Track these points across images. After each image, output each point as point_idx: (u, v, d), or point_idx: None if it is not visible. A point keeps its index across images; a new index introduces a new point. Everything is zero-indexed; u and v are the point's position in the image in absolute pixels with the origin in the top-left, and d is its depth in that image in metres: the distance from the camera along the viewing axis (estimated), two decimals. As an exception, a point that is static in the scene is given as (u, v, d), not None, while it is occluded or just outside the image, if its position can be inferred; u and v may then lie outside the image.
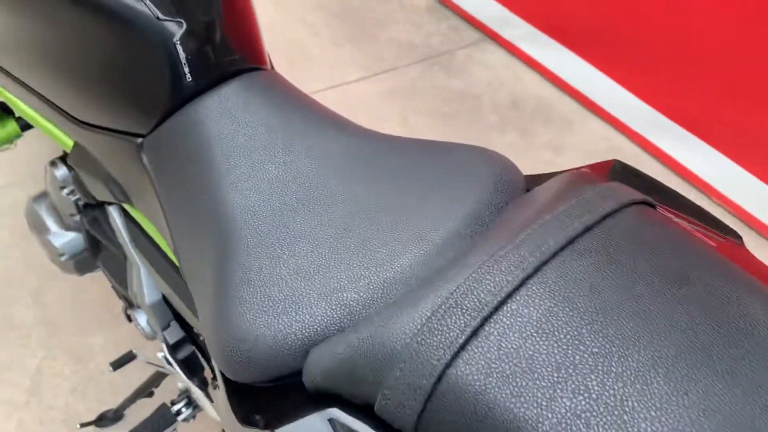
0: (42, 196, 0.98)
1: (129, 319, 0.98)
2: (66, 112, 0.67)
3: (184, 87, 0.60)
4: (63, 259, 0.96)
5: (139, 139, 0.63)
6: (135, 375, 1.12)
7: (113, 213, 0.78)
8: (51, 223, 0.96)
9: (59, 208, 0.94)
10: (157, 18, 0.57)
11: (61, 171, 0.87)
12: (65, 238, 0.95)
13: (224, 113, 0.59)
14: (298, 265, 0.49)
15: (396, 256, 0.48)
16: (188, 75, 0.60)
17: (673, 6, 1.66)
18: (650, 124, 1.83)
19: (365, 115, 1.87)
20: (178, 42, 0.58)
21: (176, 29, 0.58)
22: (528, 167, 0.57)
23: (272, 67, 0.69)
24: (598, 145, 1.87)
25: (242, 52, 0.63)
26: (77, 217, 0.92)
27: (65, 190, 0.89)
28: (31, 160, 1.44)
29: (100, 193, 0.73)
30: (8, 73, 0.69)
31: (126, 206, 0.75)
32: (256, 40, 0.65)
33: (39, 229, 0.97)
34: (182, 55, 0.59)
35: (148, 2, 0.57)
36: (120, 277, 0.88)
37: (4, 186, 1.53)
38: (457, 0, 2.25)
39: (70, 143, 0.75)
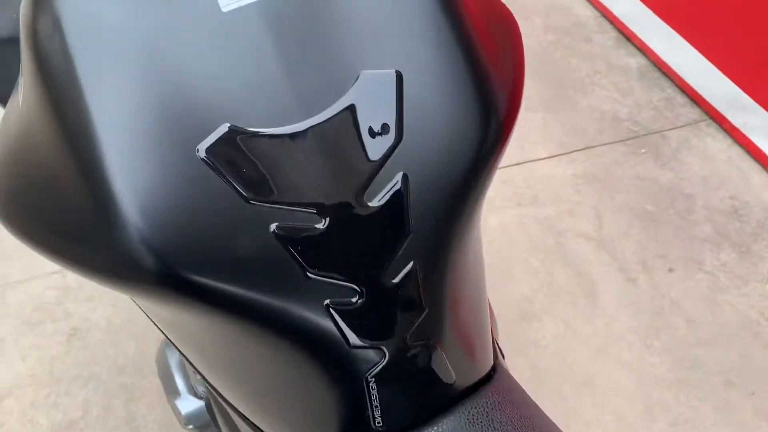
0: (175, 342, 0.83)
1: None
2: (217, 389, 0.49)
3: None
4: (188, 427, 0.80)
5: None
6: None
7: None
8: (180, 385, 0.80)
9: (191, 375, 0.78)
10: (349, 345, 0.36)
11: None
12: (193, 407, 0.79)
13: None
14: None
15: None
16: (378, 419, 0.39)
17: None
18: None
19: (551, 207, 1.60)
20: (373, 379, 0.37)
21: (373, 360, 0.37)
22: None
23: (500, 353, 0.47)
24: (841, 284, 1.49)
25: (460, 373, 0.41)
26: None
27: (199, 376, 0.72)
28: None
29: None
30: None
31: None
32: (482, 349, 0.43)
33: (167, 385, 0.82)
34: (374, 395, 0.38)
35: (344, 326, 0.36)
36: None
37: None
38: (676, 67, 1.90)
39: None
